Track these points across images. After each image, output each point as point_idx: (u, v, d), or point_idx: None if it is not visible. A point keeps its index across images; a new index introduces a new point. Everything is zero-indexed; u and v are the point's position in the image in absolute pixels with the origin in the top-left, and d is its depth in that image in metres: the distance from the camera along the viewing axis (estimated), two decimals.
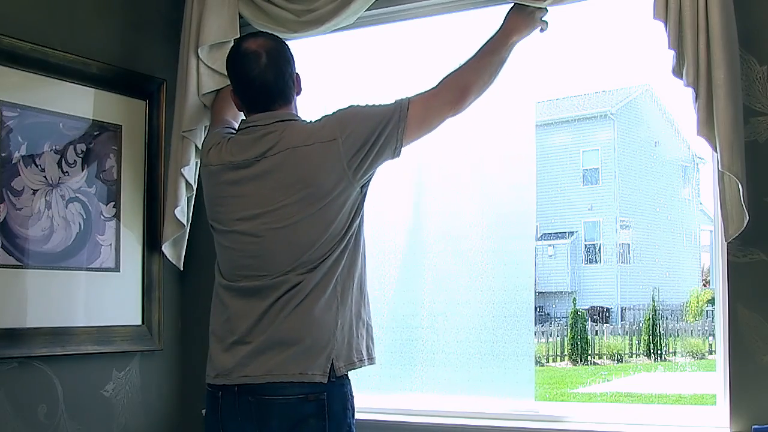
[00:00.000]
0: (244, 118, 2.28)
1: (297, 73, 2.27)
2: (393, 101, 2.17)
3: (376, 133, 2.11)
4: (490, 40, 2.32)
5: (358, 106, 2.18)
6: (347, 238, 2.12)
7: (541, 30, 2.40)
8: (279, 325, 2.07)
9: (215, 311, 2.23)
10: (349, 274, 2.13)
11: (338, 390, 2.08)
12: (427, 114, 2.18)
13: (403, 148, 2.16)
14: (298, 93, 2.28)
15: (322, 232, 2.09)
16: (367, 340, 2.18)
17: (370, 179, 2.18)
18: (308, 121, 2.22)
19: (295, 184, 2.10)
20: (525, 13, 2.34)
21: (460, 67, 2.27)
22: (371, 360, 2.19)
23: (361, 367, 2.14)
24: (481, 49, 2.30)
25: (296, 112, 2.28)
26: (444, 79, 2.25)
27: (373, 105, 2.18)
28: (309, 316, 2.07)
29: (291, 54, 2.26)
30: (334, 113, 2.17)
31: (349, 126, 2.11)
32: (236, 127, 2.39)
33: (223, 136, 2.31)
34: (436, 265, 2.85)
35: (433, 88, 2.23)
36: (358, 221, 2.16)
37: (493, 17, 2.63)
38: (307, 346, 2.05)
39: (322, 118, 2.18)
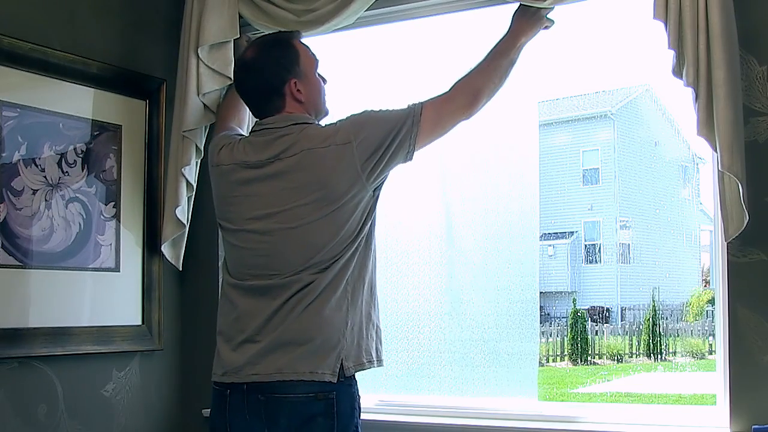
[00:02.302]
0: (258, 120, 2.28)
1: (294, 79, 2.22)
2: (406, 106, 2.18)
3: (390, 137, 2.12)
4: (498, 42, 2.33)
5: (372, 110, 2.19)
6: (359, 240, 2.13)
7: (546, 28, 2.40)
8: (289, 325, 2.08)
9: (223, 311, 2.23)
10: (359, 275, 2.14)
11: (347, 390, 2.09)
12: (440, 119, 2.20)
13: (415, 153, 2.17)
14: (307, 96, 2.25)
15: (334, 234, 2.10)
16: (376, 341, 2.19)
17: (383, 182, 2.19)
18: (323, 124, 2.22)
19: (309, 185, 2.11)
20: (531, 13, 2.35)
21: (471, 72, 2.28)
22: (380, 362, 2.20)
23: (369, 368, 2.15)
24: (490, 52, 2.31)
25: (317, 110, 2.27)
26: (456, 83, 2.25)
27: (387, 109, 2.19)
28: (319, 316, 2.08)
29: (285, 56, 2.23)
30: (348, 117, 2.18)
31: (364, 130, 2.12)
32: (242, 132, 2.41)
33: (232, 137, 2.33)
34: (439, 264, 2.85)
35: (446, 93, 2.24)
36: (369, 224, 2.17)
37: (494, 17, 2.63)
38: (317, 345, 2.06)
39: (337, 121, 2.19)
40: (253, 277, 2.15)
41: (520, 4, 2.37)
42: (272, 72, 2.22)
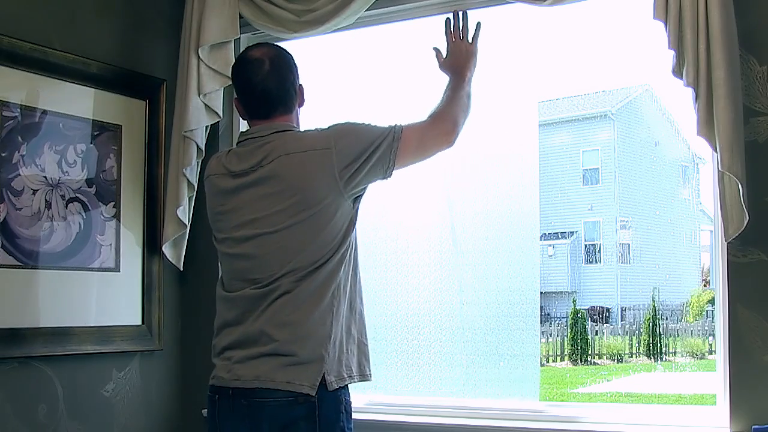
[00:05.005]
0: (243, 130, 2.28)
1: (300, 84, 2.29)
2: (386, 125, 2.22)
3: (370, 149, 2.15)
4: (448, 85, 2.43)
5: (354, 121, 2.22)
6: (340, 252, 2.14)
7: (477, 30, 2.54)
8: (271, 334, 2.08)
9: (216, 319, 2.24)
10: (342, 289, 2.15)
11: (331, 394, 2.08)
12: (423, 142, 2.25)
13: (394, 171, 2.19)
14: (301, 104, 2.31)
15: (312, 239, 2.11)
16: (359, 356, 2.19)
17: (361, 195, 2.21)
18: (304, 131, 2.23)
19: (287, 190, 2.13)
20: (461, 51, 2.51)
21: (441, 105, 2.35)
22: (363, 377, 2.19)
23: (350, 383, 2.15)
24: (445, 93, 2.40)
25: (298, 122, 2.30)
26: (434, 112, 2.32)
27: (369, 124, 2.22)
28: (302, 329, 2.08)
29: (295, 64, 2.28)
30: (330, 126, 2.21)
31: (345, 138, 2.15)
32: None
33: (224, 150, 2.35)
34: (440, 265, 2.85)
35: (426, 120, 2.30)
36: (351, 237, 2.18)
37: (494, 17, 2.64)
38: (298, 358, 2.07)
39: (317, 128, 2.21)
40: (240, 282, 2.16)
41: (435, 48, 2.54)
42: (289, 71, 2.25)
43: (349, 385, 2.15)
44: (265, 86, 2.21)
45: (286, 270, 2.10)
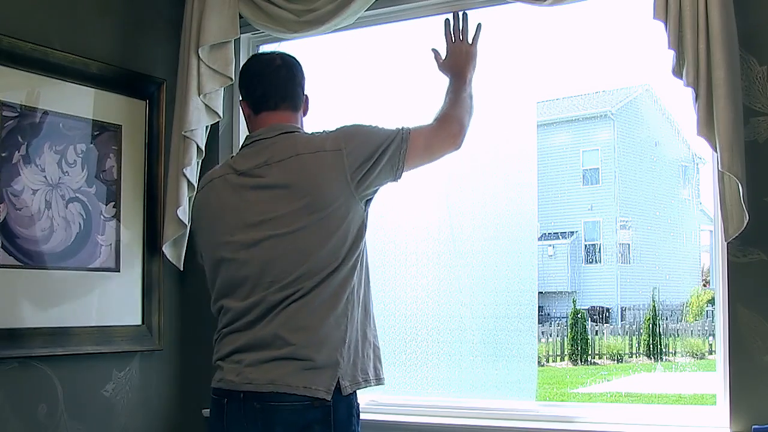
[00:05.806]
0: (248, 134, 2.27)
1: (306, 95, 2.29)
2: (394, 127, 2.21)
3: (380, 150, 2.14)
4: (449, 87, 2.43)
5: (362, 123, 2.21)
6: (354, 256, 2.12)
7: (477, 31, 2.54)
8: (287, 337, 2.06)
9: (219, 321, 2.22)
10: (357, 293, 2.14)
11: (344, 398, 2.07)
12: (430, 144, 2.25)
13: (404, 172, 2.19)
14: (305, 113, 2.30)
15: (324, 242, 2.09)
16: (374, 360, 2.18)
17: (372, 197, 2.19)
18: (311, 133, 2.22)
19: (297, 192, 2.10)
20: (461, 51, 2.51)
21: (446, 107, 2.36)
22: (378, 381, 2.18)
23: (366, 387, 2.13)
24: (447, 95, 2.41)
25: (302, 128, 2.28)
26: (440, 115, 2.33)
27: (376, 125, 2.21)
28: (317, 333, 2.06)
29: (304, 74, 2.29)
30: (339, 128, 2.19)
31: (355, 139, 2.14)
32: None
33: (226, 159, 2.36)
34: (438, 265, 2.85)
35: (433, 123, 2.30)
36: (363, 241, 2.17)
37: (494, 17, 2.63)
38: (314, 363, 2.05)
39: (325, 131, 2.19)
40: (247, 285, 2.13)
41: (433, 49, 2.53)
42: (299, 72, 2.27)
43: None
44: (276, 76, 2.22)
45: (299, 273, 2.07)
